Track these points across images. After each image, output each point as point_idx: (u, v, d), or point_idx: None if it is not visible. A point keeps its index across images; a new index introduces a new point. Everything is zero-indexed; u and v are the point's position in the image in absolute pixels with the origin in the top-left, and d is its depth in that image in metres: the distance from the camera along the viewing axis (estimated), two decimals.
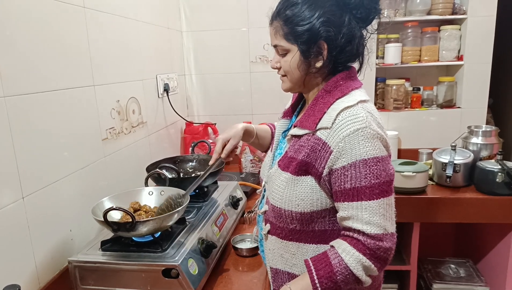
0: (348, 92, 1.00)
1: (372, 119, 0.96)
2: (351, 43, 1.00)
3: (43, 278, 1.19)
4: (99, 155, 1.49)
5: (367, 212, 0.92)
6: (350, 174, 0.93)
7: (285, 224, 1.06)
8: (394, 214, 0.98)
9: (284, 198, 1.03)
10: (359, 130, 0.93)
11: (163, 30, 2.20)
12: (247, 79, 2.59)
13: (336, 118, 0.96)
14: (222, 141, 1.26)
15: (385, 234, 0.93)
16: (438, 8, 2.39)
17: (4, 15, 1.04)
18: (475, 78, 2.45)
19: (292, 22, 0.99)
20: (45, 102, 1.19)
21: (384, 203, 0.94)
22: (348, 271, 0.92)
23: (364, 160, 0.92)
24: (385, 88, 2.55)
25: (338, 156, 0.94)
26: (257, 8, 2.44)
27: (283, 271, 1.11)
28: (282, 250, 1.09)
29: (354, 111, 0.95)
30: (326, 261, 0.95)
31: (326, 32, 0.97)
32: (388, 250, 0.93)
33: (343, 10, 0.98)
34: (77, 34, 1.36)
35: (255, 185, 1.97)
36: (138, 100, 1.82)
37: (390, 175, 0.96)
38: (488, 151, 2.15)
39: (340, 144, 0.94)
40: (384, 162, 0.94)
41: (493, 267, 2.27)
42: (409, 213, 2.06)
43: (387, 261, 0.95)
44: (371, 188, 0.92)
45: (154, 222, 1.14)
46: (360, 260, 0.92)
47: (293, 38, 1.01)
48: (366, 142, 0.93)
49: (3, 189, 1.04)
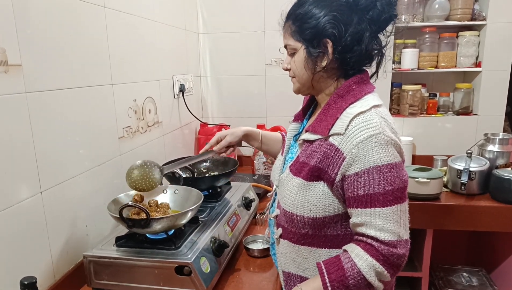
0: (361, 97, 1.00)
1: (386, 124, 0.96)
2: (359, 43, 0.98)
3: (59, 271, 1.21)
4: (115, 153, 1.51)
5: (381, 219, 0.92)
6: (363, 180, 0.92)
7: (297, 229, 1.05)
8: (408, 221, 0.97)
9: (296, 203, 1.03)
10: (373, 136, 0.92)
11: (180, 32, 2.23)
12: (262, 82, 2.60)
13: (349, 124, 0.95)
14: (218, 136, 1.36)
15: (399, 241, 0.92)
16: (457, 14, 2.37)
17: (26, 12, 1.07)
18: (493, 85, 2.42)
19: (300, 20, 1.01)
20: (64, 99, 1.22)
21: (398, 210, 0.93)
22: (361, 276, 0.92)
23: (377, 167, 0.91)
24: (401, 94, 2.54)
25: (351, 163, 0.93)
26: (274, 11, 2.43)
27: (296, 275, 1.10)
28: (294, 254, 1.09)
29: (367, 117, 0.95)
30: (339, 265, 0.94)
31: (331, 29, 0.96)
32: (401, 257, 0.92)
33: (352, 10, 0.97)
34: (97, 33, 1.39)
35: (268, 187, 1.98)
36: (154, 100, 1.85)
37: (404, 181, 0.95)
38: (504, 159, 2.12)
39: (354, 151, 0.93)
40: (398, 168, 0.93)
41: (507, 276, 2.24)
42: (423, 219, 2.04)
43: (400, 268, 0.94)
44: (384, 195, 0.91)
45: (168, 220, 1.16)
46: (373, 265, 0.91)
47: (299, 35, 1.01)
48: (380, 148, 0.92)
49: (23, 183, 1.07)
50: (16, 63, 1.03)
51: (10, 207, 1.03)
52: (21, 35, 1.05)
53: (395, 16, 1.00)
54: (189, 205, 1.29)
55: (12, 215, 1.03)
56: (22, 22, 1.05)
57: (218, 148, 1.35)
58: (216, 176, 1.64)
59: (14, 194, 1.04)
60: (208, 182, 1.61)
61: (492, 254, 2.41)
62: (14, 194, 1.04)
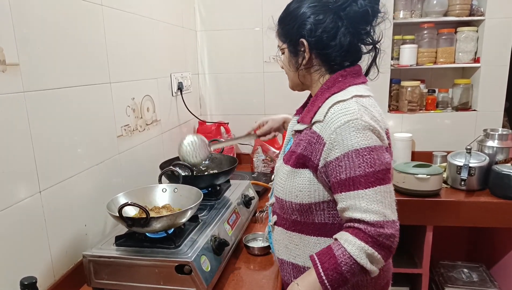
0: (344, 88, 1.04)
1: (366, 112, 0.98)
2: (334, 39, 1.03)
3: (58, 271, 1.21)
4: (113, 152, 1.51)
5: (365, 201, 0.93)
6: (344, 164, 0.95)
7: (287, 215, 1.11)
8: (395, 203, 0.97)
9: (285, 189, 1.09)
10: (350, 121, 0.96)
11: (178, 29, 2.22)
12: (260, 79, 2.59)
13: (328, 111, 1.00)
14: (261, 121, 1.51)
15: (385, 221, 0.92)
16: (455, 10, 2.37)
17: (23, 11, 1.06)
18: (492, 81, 2.42)
19: (282, 23, 1.12)
20: (62, 98, 1.21)
21: (382, 191, 0.94)
22: (353, 261, 0.92)
23: (356, 150, 0.94)
24: (400, 90, 2.53)
25: (331, 148, 0.97)
26: (272, 8, 2.42)
27: (287, 262, 1.14)
28: (286, 240, 1.14)
29: (346, 105, 0.99)
30: (330, 254, 0.95)
31: (305, 29, 1.04)
32: (390, 236, 0.92)
33: (328, 9, 1.03)
34: (94, 31, 1.38)
35: (267, 184, 1.98)
36: (152, 98, 1.84)
37: (385, 163, 0.96)
38: (504, 154, 2.12)
39: (332, 136, 0.97)
40: (378, 151, 0.96)
41: (507, 272, 2.24)
42: (422, 216, 2.05)
43: (391, 249, 0.94)
44: (366, 176, 0.94)
45: (168, 218, 1.16)
46: (362, 248, 0.91)
47: (283, 36, 1.12)
48: (358, 132, 0.95)
49: (21, 182, 1.06)
50: (13, 62, 1.02)
51: (9, 207, 1.02)
52: (18, 34, 1.04)
53: (376, 10, 1.04)
54: (188, 204, 1.28)
55: (11, 215, 1.03)
56: (20, 21, 1.04)
57: (261, 132, 1.50)
58: (215, 174, 1.63)
59: (12, 194, 1.03)
60: (207, 181, 1.60)
61: (492, 250, 2.41)
62: (13, 194, 1.04)
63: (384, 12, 1.06)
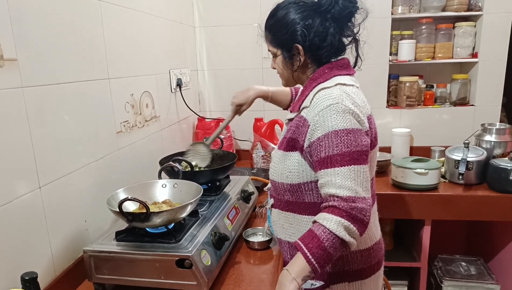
0: (330, 78, 1.14)
1: (348, 98, 1.07)
2: (325, 40, 1.13)
3: (59, 266, 1.21)
4: (113, 148, 1.51)
5: (339, 177, 1.01)
6: (324, 144, 1.04)
7: (281, 196, 1.23)
8: (368, 183, 1.05)
9: (278, 172, 1.20)
10: (332, 105, 1.05)
11: (176, 25, 2.21)
12: (259, 75, 2.59)
13: (313, 97, 1.11)
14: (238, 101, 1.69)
15: (357, 197, 1.00)
16: (453, 5, 2.37)
17: (21, 6, 1.06)
18: (490, 76, 2.43)
19: (273, 30, 1.20)
20: (61, 94, 1.21)
21: (355, 170, 1.02)
22: (333, 236, 0.98)
23: (335, 131, 1.03)
24: (398, 85, 2.54)
25: (314, 129, 1.07)
26: (270, 4, 2.41)
27: (284, 241, 1.26)
28: (282, 220, 1.25)
29: (329, 91, 1.09)
30: (313, 235, 1.00)
31: (298, 35, 1.13)
32: (362, 210, 0.99)
33: (315, 13, 1.13)
34: (93, 27, 1.38)
35: (266, 180, 1.98)
36: (151, 94, 1.84)
37: (362, 146, 1.04)
38: (501, 149, 2.13)
39: (315, 118, 1.07)
40: (355, 133, 1.04)
41: (505, 265, 2.26)
42: (421, 210, 2.05)
43: (363, 222, 1.00)
44: (342, 155, 1.02)
45: (168, 213, 1.16)
46: (339, 222, 0.98)
47: (275, 43, 1.21)
48: (338, 115, 1.04)
49: (21, 178, 1.06)
50: (11, 57, 1.02)
51: (8, 203, 1.02)
52: (16, 29, 1.04)
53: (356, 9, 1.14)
54: (188, 199, 1.28)
55: (11, 211, 1.03)
56: (18, 16, 1.04)
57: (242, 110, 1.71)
58: (215, 170, 1.63)
59: (12, 190, 1.04)
60: (207, 176, 1.61)
61: (490, 244, 2.42)
62: (13, 190, 1.04)
63: (363, 8, 1.14)
